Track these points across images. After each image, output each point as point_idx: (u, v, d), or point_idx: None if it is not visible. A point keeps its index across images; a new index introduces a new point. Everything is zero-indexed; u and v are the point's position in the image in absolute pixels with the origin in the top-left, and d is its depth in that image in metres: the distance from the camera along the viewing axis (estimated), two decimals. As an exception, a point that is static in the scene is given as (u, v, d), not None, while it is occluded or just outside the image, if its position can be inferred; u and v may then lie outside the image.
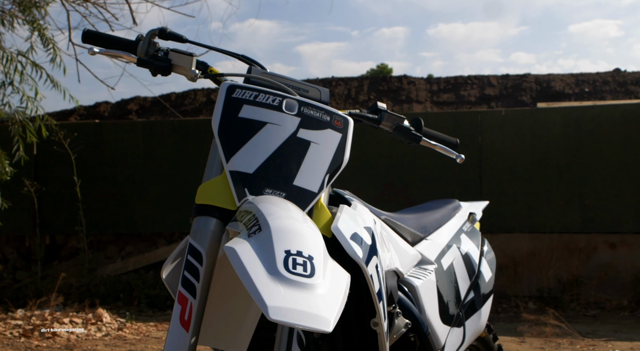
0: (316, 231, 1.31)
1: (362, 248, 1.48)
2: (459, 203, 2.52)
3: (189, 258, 1.42)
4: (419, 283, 1.91)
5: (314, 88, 1.70)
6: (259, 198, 1.41)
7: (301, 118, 1.57)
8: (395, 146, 7.32)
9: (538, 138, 7.17)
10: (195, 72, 1.69)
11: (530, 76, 13.56)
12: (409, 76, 14.51)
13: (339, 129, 1.62)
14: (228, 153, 1.49)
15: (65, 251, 8.36)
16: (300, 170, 1.52)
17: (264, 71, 1.69)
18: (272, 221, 1.25)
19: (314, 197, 1.51)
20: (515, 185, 7.18)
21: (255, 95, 1.56)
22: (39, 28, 5.85)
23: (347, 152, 1.61)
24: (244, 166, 1.48)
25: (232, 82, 1.58)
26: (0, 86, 5.78)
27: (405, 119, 1.95)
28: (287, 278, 1.13)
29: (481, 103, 12.93)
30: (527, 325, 5.70)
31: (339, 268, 1.27)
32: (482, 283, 2.26)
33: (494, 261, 2.39)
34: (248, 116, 1.53)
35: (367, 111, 1.93)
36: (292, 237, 1.22)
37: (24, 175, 7.31)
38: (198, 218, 1.47)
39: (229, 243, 1.20)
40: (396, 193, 7.36)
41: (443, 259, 2.12)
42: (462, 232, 2.34)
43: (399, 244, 1.93)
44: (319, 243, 1.26)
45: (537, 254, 7.05)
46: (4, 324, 5.54)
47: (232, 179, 1.46)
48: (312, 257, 1.20)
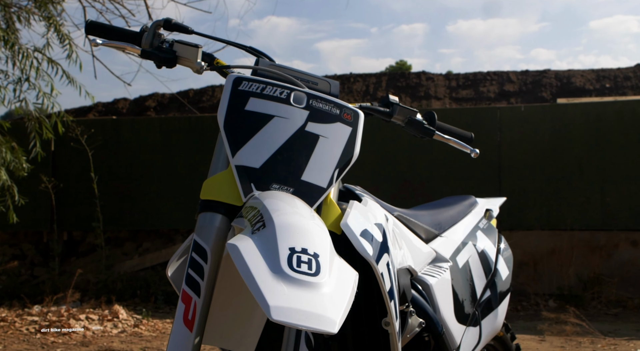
0: (323, 228, 1.26)
1: (373, 245, 1.43)
2: (475, 199, 2.46)
3: (194, 255, 1.37)
4: (434, 281, 1.85)
5: (323, 80, 1.65)
6: (265, 194, 1.36)
7: (310, 111, 1.52)
8: (413, 143, 7.26)
9: (558, 134, 7.08)
10: (201, 64, 1.65)
11: (550, 72, 13.39)
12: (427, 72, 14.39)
13: (349, 122, 1.57)
14: (234, 147, 1.44)
15: (83, 247, 8.38)
16: (308, 165, 1.47)
17: (272, 63, 1.64)
18: (276, 217, 1.20)
19: (323, 192, 1.46)
20: (535, 182, 7.09)
21: (263, 87, 1.51)
22: (55, 24, 5.84)
23: (357, 146, 1.56)
24: (251, 160, 1.43)
25: (239, 74, 1.53)
26: (17, 82, 5.79)
27: (418, 113, 1.89)
28: (291, 277, 1.08)
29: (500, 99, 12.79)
30: (547, 323, 5.62)
31: (346, 266, 1.21)
32: (499, 281, 2.19)
33: (511, 259, 2.32)
34: (255, 109, 1.48)
35: (379, 104, 1.87)
36: (297, 234, 1.17)
37: (42, 171, 7.34)
38: (203, 214, 1.43)
39: (231, 239, 1.16)
40: (414, 190, 7.30)
41: (458, 257, 2.05)
42: (478, 229, 2.27)
43: (412, 242, 1.88)
44: (326, 240, 1.21)
45: (557, 252, 6.95)
46: (21, 320, 5.55)
47: (238, 174, 1.42)
48: (317, 255, 1.15)
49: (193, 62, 1.65)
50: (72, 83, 5.87)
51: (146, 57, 1.64)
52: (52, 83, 5.66)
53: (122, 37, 1.68)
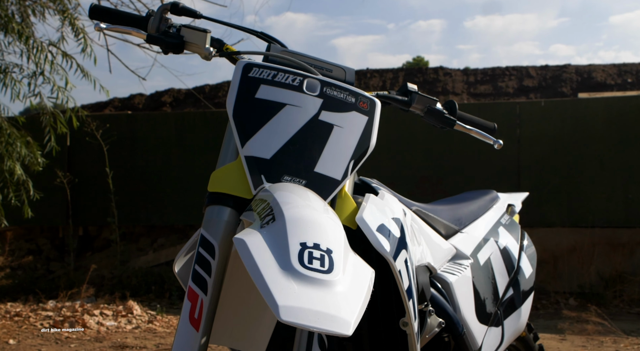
0: (337, 222, 1.18)
1: (390, 241, 1.34)
2: (497, 194, 2.36)
3: (201, 250, 1.29)
4: (454, 279, 1.76)
5: (338, 67, 1.56)
6: (276, 186, 1.29)
7: (323, 99, 1.44)
8: (431, 138, 7.17)
9: (579, 129, 6.95)
10: (210, 50, 1.57)
11: (571, 66, 13.21)
12: (445, 67, 14.26)
13: (365, 111, 1.48)
14: (243, 137, 1.36)
15: (98, 242, 8.38)
16: (322, 156, 1.38)
17: (284, 48, 1.55)
18: (287, 210, 1.13)
19: (337, 185, 1.38)
20: (556, 178, 6.97)
21: (274, 74, 1.43)
22: (69, 18, 5.81)
23: (373, 136, 1.47)
24: (261, 151, 1.35)
25: (249, 61, 1.45)
26: (32, 76, 5.77)
27: (438, 102, 1.80)
28: (302, 274, 1.00)
29: (519, 95, 12.63)
30: (567, 322, 5.50)
31: (361, 262, 1.13)
32: (522, 279, 2.09)
33: (535, 256, 2.22)
34: (266, 96, 1.40)
35: (396, 93, 1.78)
36: (309, 228, 1.09)
37: (57, 166, 7.33)
38: (211, 207, 1.35)
39: (238, 234, 1.08)
40: (432, 186, 7.20)
41: (479, 254, 1.96)
42: (500, 225, 2.17)
43: (432, 238, 1.79)
44: (340, 235, 1.13)
45: (578, 249, 6.83)
46: (35, 315, 5.53)
47: (248, 165, 1.34)
48: (330, 250, 1.07)
49: (201, 48, 1.57)
50: (86, 77, 5.84)
51: (152, 42, 1.57)
52: (66, 77, 5.64)
53: (127, 21, 1.61)
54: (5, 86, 5.71)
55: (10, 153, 5.70)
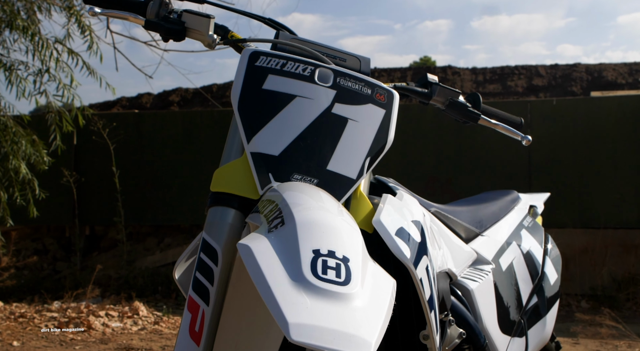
0: (354, 226, 1.08)
1: (410, 246, 1.24)
2: (518, 195, 2.25)
3: (202, 256, 1.19)
4: (475, 285, 1.65)
5: (352, 56, 1.46)
6: (285, 185, 1.19)
7: (337, 91, 1.34)
8: (441, 137, 7.06)
9: (591, 129, 6.83)
10: (213, 37, 1.46)
11: (581, 65, 13.06)
12: (453, 66, 14.13)
13: (382, 104, 1.38)
14: (250, 132, 1.26)
15: (105, 242, 8.31)
16: (335, 152, 1.28)
17: (294, 36, 1.45)
18: (298, 212, 1.02)
19: (352, 184, 1.28)
20: (567, 178, 6.86)
21: (283, 63, 1.33)
22: (76, 14, 5.74)
23: (391, 131, 1.37)
24: (269, 147, 1.25)
25: (256, 48, 1.35)
26: (37, 73, 5.70)
27: (461, 94, 1.69)
28: (315, 286, 0.90)
29: (529, 94, 12.49)
30: (580, 325, 5.39)
31: (382, 272, 1.03)
32: (547, 285, 1.98)
33: (560, 261, 2.11)
34: (274, 87, 1.30)
35: (415, 84, 1.67)
36: (322, 233, 0.99)
37: (64, 165, 7.28)
38: (214, 209, 1.26)
39: (243, 239, 0.98)
40: (441, 186, 7.09)
41: (502, 259, 1.85)
42: (523, 227, 2.06)
43: (452, 241, 1.68)
44: (357, 241, 1.03)
45: (590, 251, 6.71)
46: (40, 316, 5.45)
47: (254, 163, 1.24)
48: (347, 258, 0.96)
49: (204, 35, 1.47)
50: (92, 74, 5.77)
51: (151, 29, 1.46)
52: (71, 74, 5.56)
53: (124, 6, 1.50)
54: (11, 84, 5.65)
55: (16, 152, 5.64)
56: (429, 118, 7.17)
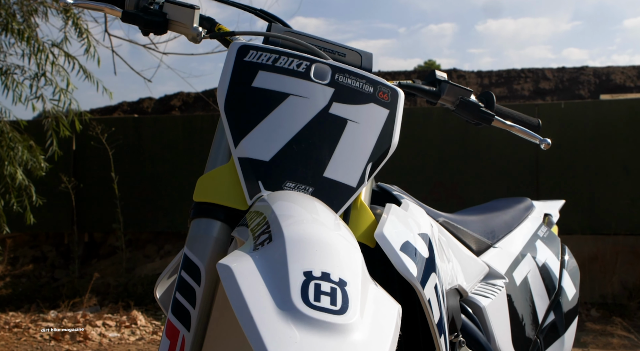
0: (352, 242, 0.93)
1: (417, 263, 1.09)
2: (532, 202, 2.09)
3: (183, 274, 1.05)
4: (487, 302, 1.50)
5: (353, 51, 1.31)
6: (276, 195, 1.04)
7: (335, 89, 1.19)
8: (446, 141, 6.93)
9: (601, 132, 6.69)
10: (198, 30, 1.32)
11: (588, 68, 12.90)
12: (458, 69, 13.98)
13: (386, 103, 1.23)
14: (237, 135, 1.12)
15: (104, 249, 8.18)
16: (333, 157, 1.13)
17: (288, 29, 1.30)
18: (288, 227, 0.88)
19: (352, 193, 1.13)
20: (576, 182, 6.71)
21: (275, 58, 1.18)
22: (73, 17, 5.63)
23: (396, 133, 1.22)
24: (258, 151, 1.11)
25: (245, 42, 1.20)
26: (33, 77, 5.61)
27: (473, 93, 1.53)
28: (306, 316, 0.76)
29: (535, 97, 12.34)
30: (591, 335, 5.23)
31: (385, 296, 0.88)
32: (565, 301, 1.82)
33: (578, 274, 1.96)
34: (265, 85, 1.16)
35: (423, 82, 1.52)
36: (316, 251, 0.85)
37: (62, 171, 7.18)
38: (197, 221, 1.11)
39: (224, 258, 0.84)
40: (446, 192, 6.95)
41: (515, 272, 1.70)
42: (538, 238, 1.91)
43: (462, 254, 1.53)
44: (356, 261, 0.88)
45: (600, 258, 6.56)
46: (35, 326, 5.32)
47: (242, 169, 1.09)
48: (344, 282, 0.82)
49: (188, 28, 1.32)
50: (89, 78, 5.67)
51: (129, 21, 1.32)
52: (67, 78, 5.45)
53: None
54: (7, 88, 5.56)
55: (12, 158, 5.54)
56: (434, 122, 7.03)
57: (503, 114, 1.59)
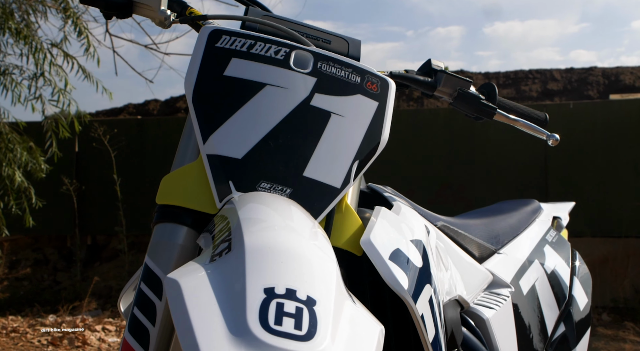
0: (329, 253, 0.81)
1: (409, 274, 0.97)
2: (539, 204, 1.96)
3: (143, 287, 0.93)
4: (491, 314, 1.38)
5: (339, 38, 1.18)
6: (247, 197, 0.92)
7: (317, 78, 1.07)
8: (452, 141, 6.81)
9: (611, 133, 6.56)
10: (166, 14, 1.19)
11: (597, 69, 12.73)
12: (465, 70, 13.84)
13: (374, 94, 1.10)
14: (206, 129, 1.00)
15: (107, 252, 8.09)
16: (314, 155, 1.01)
17: (268, 13, 1.18)
18: (251, 235, 0.76)
19: (336, 195, 1.01)
20: (585, 184, 6.57)
21: (251, 44, 1.06)
22: (72, 16, 5.54)
23: (386, 128, 1.09)
24: (230, 148, 0.99)
25: (217, 27, 1.08)
26: (32, 77, 5.53)
27: (472, 84, 1.40)
28: (264, 342, 0.63)
29: (543, 99, 12.19)
30: (603, 340, 5.09)
31: (364, 315, 0.75)
32: (576, 311, 1.69)
33: (590, 281, 1.82)
34: (238, 74, 1.04)
35: (417, 72, 1.39)
36: (281, 264, 0.72)
37: (65, 173, 7.11)
38: (160, 226, 0.99)
39: (174, 271, 0.71)
40: (453, 193, 6.82)
41: (522, 280, 1.57)
42: (546, 243, 1.77)
43: (463, 261, 1.40)
44: (330, 274, 0.76)
45: (610, 261, 6.42)
46: (33, 331, 5.23)
47: (212, 168, 0.97)
48: (313, 300, 0.69)
49: (155, 11, 1.20)
50: (88, 78, 5.58)
51: (88, 2, 1.20)
52: (65, 78, 5.36)
53: None
54: (6, 89, 5.49)
55: (10, 159, 5.46)
56: (441, 122, 6.91)
57: (506, 108, 1.46)
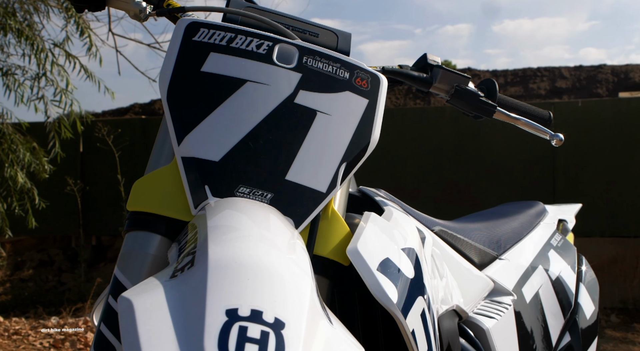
0: (304, 268, 0.73)
1: (399, 285, 0.89)
2: (544, 207, 1.88)
3: (111, 301, 0.86)
4: (491, 324, 1.30)
5: (328, 31, 1.11)
6: (223, 202, 0.85)
7: (303, 74, 0.99)
8: (459, 141, 6.72)
9: (620, 131, 6.46)
10: (142, 6, 1.12)
11: (606, 67, 12.61)
12: (473, 68, 13.74)
13: (364, 91, 1.02)
14: (182, 129, 0.92)
15: (112, 252, 8.06)
16: (298, 156, 0.94)
17: (251, 4, 1.10)
18: (216, 246, 0.68)
19: (321, 200, 0.93)
20: (594, 183, 6.48)
21: (231, 37, 0.98)
22: (74, 16, 5.51)
23: (376, 127, 1.01)
24: (206, 149, 0.91)
25: (195, 19, 1.01)
26: (34, 78, 5.50)
27: (471, 81, 1.32)
28: None
29: (552, 97, 12.07)
30: (611, 343, 5.00)
31: (342, 337, 0.68)
32: (582, 319, 1.61)
33: (597, 287, 1.74)
34: (217, 70, 0.96)
35: (412, 67, 1.31)
36: (247, 282, 0.65)
37: (69, 173, 7.09)
38: (132, 234, 0.92)
39: (130, 289, 0.65)
40: (460, 193, 6.73)
41: (525, 288, 1.49)
42: (551, 247, 1.69)
43: (462, 268, 1.33)
44: (304, 292, 0.68)
45: (620, 261, 6.33)
46: (35, 333, 5.18)
47: (186, 172, 0.90)
48: (281, 323, 0.62)
49: (129, 2, 1.13)
50: (90, 78, 5.54)
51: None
52: (67, 77, 5.32)
53: None
54: (9, 89, 5.46)
55: (13, 160, 5.43)
56: (447, 121, 6.82)
57: (508, 106, 1.37)
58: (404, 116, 6.99)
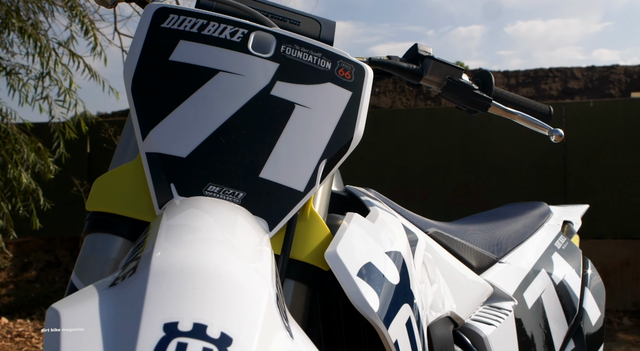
0: (265, 276, 0.66)
1: (382, 293, 0.82)
2: (549, 208, 1.80)
3: None
4: (490, 331, 1.23)
5: (310, 19, 1.03)
6: (188, 202, 0.78)
7: (280, 64, 0.92)
8: (468, 142, 6.63)
9: (632, 132, 6.37)
10: None
11: (619, 67, 12.46)
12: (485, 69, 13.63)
13: (348, 83, 0.95)
14: (147, 123, 0.85)
15: (119, 254, 8.03)
16: (273, 152, 0.87)
17: None
18: (162, 252, 0.61)
19: (298, 200, 0.86)
20: (606, 184, 6.38)
21: (202, 24, 0.91)
22: (79, 15, 5.47)
23: (360, 121, 0.93)
24: (173, 145, 0.84)
25: (163, 4, 0.94)
26: (38, 77, 5.48)
27: (464, 73, 1.23)
28: None
29: (564, 97, 11.95)
30: (624, 346, 4.90)
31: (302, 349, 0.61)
32: (587, 325, 1.53)
33: (603, 292, 1.66)
34: (187, 59, 0.89)
35: (402, 58, 1.23)
36: (192, 291, 0.57)
37: (77, 174, 7.08)
38: (91, 236, 0.86)
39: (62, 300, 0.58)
40: (470, 195, 6.64)
41: (527, 292, 1.41)
42: (555, 250, 1.61)
43: (457, 273, 1.25)
44: (259, 302, 0.61)
45: (632, 263, 6.24)
46: (38, 335, 5.15)
47: (151, 169, 0.83)
48: (228, 338, 0.54)
49: None
50: (95, 78, 5.51)
51: None
52: (70, 77, 5.29)
53: None
54: (13, 89, 5.45)
55: (17, 160, 5.41)
56: (456, 121, 6.74)
57: (504, 99, 1.29)
58: (413, 116, 6.91)
